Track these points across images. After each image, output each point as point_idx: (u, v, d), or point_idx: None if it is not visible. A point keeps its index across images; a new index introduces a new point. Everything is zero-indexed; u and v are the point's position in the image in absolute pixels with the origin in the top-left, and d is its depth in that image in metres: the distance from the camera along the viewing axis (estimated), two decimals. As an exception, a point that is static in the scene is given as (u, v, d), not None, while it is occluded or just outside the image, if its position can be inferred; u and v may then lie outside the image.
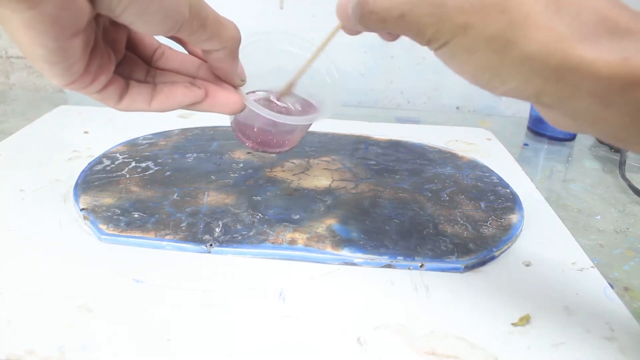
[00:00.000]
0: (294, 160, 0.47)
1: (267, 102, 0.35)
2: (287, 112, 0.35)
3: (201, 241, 0.34)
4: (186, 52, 0.32)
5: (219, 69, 0.30)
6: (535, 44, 0.20)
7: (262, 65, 0.34)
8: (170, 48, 0.32)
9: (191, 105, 0.30)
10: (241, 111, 0.31)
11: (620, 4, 0.21)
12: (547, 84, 0.21)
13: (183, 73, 0.31)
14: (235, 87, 0.31)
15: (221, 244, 0.34)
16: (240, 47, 0.30)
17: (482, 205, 0.40)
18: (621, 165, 0.52)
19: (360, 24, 0.24)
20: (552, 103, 0.22)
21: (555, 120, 0.23)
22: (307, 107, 0.36)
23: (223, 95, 0.31)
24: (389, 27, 0.23)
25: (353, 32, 0.27)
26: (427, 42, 0.23)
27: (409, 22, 0.22)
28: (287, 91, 0.35)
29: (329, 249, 0.33)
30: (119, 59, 0.29)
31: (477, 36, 0.21)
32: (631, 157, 0.55)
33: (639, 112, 0.20)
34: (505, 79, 0.22)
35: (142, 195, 0.39)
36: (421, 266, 0.33)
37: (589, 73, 0.20)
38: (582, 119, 0.22)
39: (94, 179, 0.41)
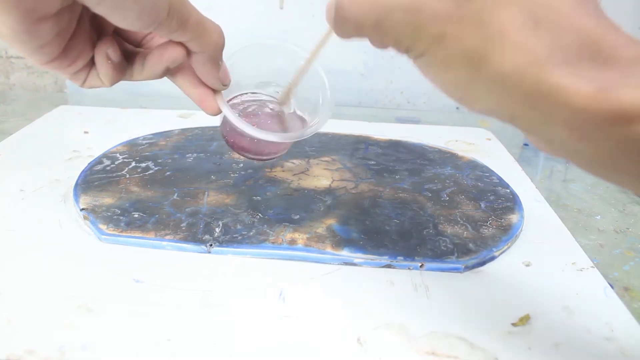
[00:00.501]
0: (294, 160, 0.47)
1: (258, 107, 0.35)
2: (278, 119, 0.35)
3: (201, 241, 0.34)
4: None
5: (198, 70, 0.30)
6: (509, 64, 0.18)
7: (257, 70, 0.34)
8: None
9: (174, 76, 0.30)
10: (216, 115, 0.31)
11: (609, 23, 0.19)
12: (520, 108, 0.19)
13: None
14: (215, 90, 0.31)
15: (221, 244, 0.34)
16: (235, 51, 0.29)
17: (482, 205, 0.40)
18: (621, 165, 0.52)
19: (338, 31, 0.23)
20: (526, 128, 0.20)
21: (535, 142, 0.21)
22: (298, 117, 0.36)
23: (202, 93, 0.31)
24: (367, 34, 0.22)
25: (341, 37, 0.25)
26: (406, 51, 0.21)
27: (385, 30, 0.21)
28: (286, 98, 0.34)
29: (329, 249, 0.33)
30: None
31: (452, 49, 0.20)
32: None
33: (619, 149, 0.18)
34: (479, 97, 0.20)
35: (142, 195, 0.39)
36: (421, 266, 0.33)
37: (563, 102, 0.18)
38: (558, 148, 0.20)
39: (94, 179, 0.41)
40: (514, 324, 0.28)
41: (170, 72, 0.30)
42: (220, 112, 0.31)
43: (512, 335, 0.27)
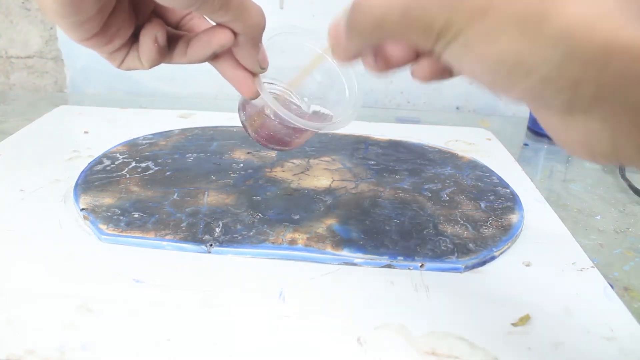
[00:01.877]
0: (294, 160, 0.47)
1: (283, 99, 0.35)
2: (299, 113, 0.35)
3: (201, 241, 0.34)
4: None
5: (238, 52, 0.29)
6: (574, 18, 0.16)
7: (287, 59, 0.34)
8: (200, 17, 0.31)
9: (214, 59, 0.30)
10: (254, 98, 0.31)
11: None
12: (586, 70, 0.16)
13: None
14: (253, 73, 0.30)
15: (221, 244, 0.34)
16: (272, 35, 0.29)
17: (482, 205, 0.40)
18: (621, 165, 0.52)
19: (352, 34, 0.21)
20: (589, 99, 0.17)
21: (583, 136, 0.18)
22: (320, 114, 0.35)
23: (241, 76, 0.30)
24: (386, 31, 0.20)
25: (344, 56, 0.24)
26: (436, 38, 0.19)
27: (413, 18, 0.19)
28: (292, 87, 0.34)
29: (329, 249, 0.33)
30: (143, 22, 0.29)
31: (500, 18, 0.17)
32: (631, 157, 0.55)
33: None
34: (533, 66, 0.17)
35: (142, 195, 0.39)
36: (421, 266, 0.33)
37: None
38: (626, 124, 0.17)
39: (94, 179, 0.41)
40: (514, 324, 0.28)
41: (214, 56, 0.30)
42: (258, 95, 0.30)
43: (512, 335, 0.27)
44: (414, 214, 0.38)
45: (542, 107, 0.19)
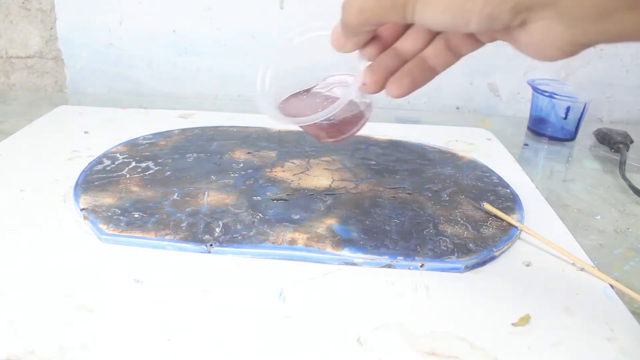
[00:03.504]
0: (294, 160, 0.47)
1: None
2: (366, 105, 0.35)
3: (201, 241, 0.34)
4: None
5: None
6: None
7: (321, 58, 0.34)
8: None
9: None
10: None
11: None
12: None
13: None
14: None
15: (221, 244, 0.33)
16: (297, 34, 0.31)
17: (482, 205, 0.40)
18: (621, 165, 0.52)
19: (346, 27, 0.25)
20: (526, 4, 0.21)
21: (545, 36, 0.21)
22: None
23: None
24: (368, 16, 0.24)
25: (345, 48, 0.27)
26: (404, 9, 0.23)
27: (383, 0, 0.23)
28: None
29: (329, 249, 0.33)
30: None
31: None
32: (631, 157, 0.55)
33: None
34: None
35: (142, 195, 0.39)
36: (421, 266, 0.33)
37: None
38: (574, 11, 0.20)
39: (94, 179, 0.41)
40: (514, 324, 0.28)
41: None
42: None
43: (512, 335, 0.27)
44: (414, 214, 0.38)
45: (500, 27, 0.22)
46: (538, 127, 0.62)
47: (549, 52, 0.22)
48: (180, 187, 0.40)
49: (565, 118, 0.59)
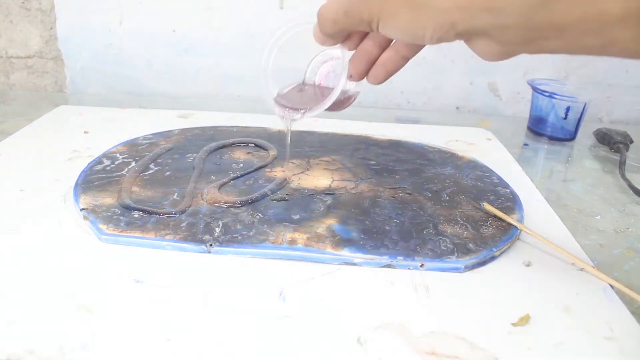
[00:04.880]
0: (294, 160, 0.47)
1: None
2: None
3: (201, 241, 0.34)
4: None
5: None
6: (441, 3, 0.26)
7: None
8: None
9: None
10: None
11: None
12: (454, 16, 0.25)
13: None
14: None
15: (221, 244, 0.33)
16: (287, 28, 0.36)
17: (482, 205, 0.40)
18: (621, 165, 0.52)
19: (322, 33, 0.31)
20: (465, 30, 0.26)
21: (486, 49, 0.27)
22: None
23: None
24: (340, 25, 0.30)
25: (324, 44, 0.33)
26: (369, 23, 0.29)
27: (351, 15, 0.29)
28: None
29: (329, 249, 0.33)
30: None
31: (395, 4, 0.27)
32: (631, 157, 0.55)
33: None
34: (425, 23, 0.26)
35: (142, 195, 0.39)
36: (421, 266, 0.33)
37: None
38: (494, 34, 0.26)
39: (94, 179, 0.41)
40: (514, 324, 0.28)
41: None
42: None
43: (512, 335, 0.27)
44: (414, 214, 0.38)
45: (447, 40, 0.27)
46: (538, 127, 0.62)
47: (489, 58, 0.28)
48: (180, 187, 0.40)
49: (565, 118, 0.59)
